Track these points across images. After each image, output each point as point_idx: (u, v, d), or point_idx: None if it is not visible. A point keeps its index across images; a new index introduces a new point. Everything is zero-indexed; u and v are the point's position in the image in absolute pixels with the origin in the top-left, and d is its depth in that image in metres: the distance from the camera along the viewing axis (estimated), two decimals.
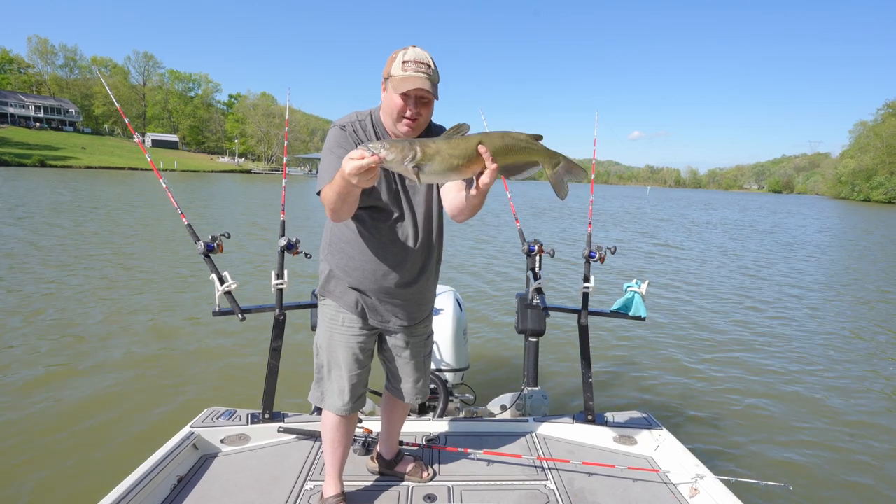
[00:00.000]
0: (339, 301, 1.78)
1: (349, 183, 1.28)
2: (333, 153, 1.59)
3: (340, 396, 1.82)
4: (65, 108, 79.33)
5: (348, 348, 1.80)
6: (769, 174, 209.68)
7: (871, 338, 6.52)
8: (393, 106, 1.56)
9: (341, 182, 1.33)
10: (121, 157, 65.35)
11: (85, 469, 2.96)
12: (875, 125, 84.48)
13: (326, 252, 1.81)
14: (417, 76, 1.52)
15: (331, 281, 1.80)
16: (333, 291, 1.79)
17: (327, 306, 1.82)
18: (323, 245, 1.84)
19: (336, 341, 1.80)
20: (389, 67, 1.56)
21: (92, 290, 6.86)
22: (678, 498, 1.97)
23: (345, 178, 1.28)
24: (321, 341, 1.85)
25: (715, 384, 4.66)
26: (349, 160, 1.25)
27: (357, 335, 1.80)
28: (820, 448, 3.61)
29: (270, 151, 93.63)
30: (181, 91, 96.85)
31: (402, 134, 1.62)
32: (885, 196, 74.09)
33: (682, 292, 8.63)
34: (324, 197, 1.48)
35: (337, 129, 1.64)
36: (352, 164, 1.24)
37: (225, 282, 2.13)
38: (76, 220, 13.72)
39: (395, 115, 1.58)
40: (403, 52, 1.56)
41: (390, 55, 1.58)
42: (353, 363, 1.81)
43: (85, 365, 4.43)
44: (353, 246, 1.73)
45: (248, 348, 4.91)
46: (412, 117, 1.57)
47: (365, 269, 1.73)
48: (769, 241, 17.82)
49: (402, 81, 1.51)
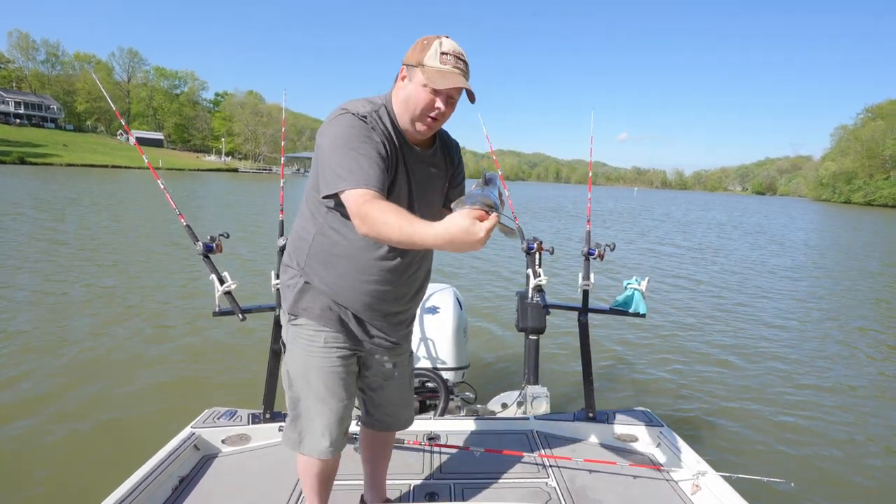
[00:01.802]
0: (317, 319, 1.49)
1: (465, 244, 1.05)
2: (360, 150, 1.30)
3: (325, 436, 1.52)
4: (46, 104, 77.79)
5: (333, 373, 1.50)
6: (753, 176, 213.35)
7: (875, 335, 6.57)
8: (419, 100, 1.35)
9: (444, 238, 1.07)
10: (104, 154, 64.29)
11: (86, 470, 2.93)
12: (855, 129, 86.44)
13: (305, 264, 1.50)
14: (458, 73, 1.33)
15: (305, 296, 1.50)
16: (310, 307, 1.50)
17: (302, 326, 1.51)
18: (297, 255, 1.53)
19: (315, 366, 1.50)
20: (421, 55, 1.34)
21: (90, 289, 6.75)
22: (680, 495, 1.98)
23: (460, 240, 1.05)
24: (295, 370, 1.54)
25: (716, 381, 4.68)
26: (479, 221, 1.05)
27: (341, 356, 1.52)
28: (822, 444, 3.63)
29: (258, 150, 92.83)
30: (167, 88, 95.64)
31: (418, 133, 1.42)
32: (864, 198, 75.79)
33: (682, 289, 8.71)
34: (376, 220, 1.18)
35: (355, 118, 1.34)
36: (488, 226, 1.05)
37: (225, 282, 2.10)
38: (74, 218, 13.48)
39: (419, 112, 1.37)
40: (438, 41, 1.35)
41: (418, 41, 1.38)
42: (340, 391, 1.52)
43: (84, 366, 4.38)
44: (344, 259, 1.46)
45: (249, 348, 4.88)
46: (437, 116, 1.38)
47: (357, 284, 1.47)
48: (762, 240, 18.08)
49: (442, 76, 1.32)
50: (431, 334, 2.95)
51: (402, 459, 2.15)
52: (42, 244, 9.72)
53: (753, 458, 3.38)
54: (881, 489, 3.14)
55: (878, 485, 3.18)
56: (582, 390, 2.46)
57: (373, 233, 1.22)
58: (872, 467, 3.37)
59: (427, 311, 3.01)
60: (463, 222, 1.05)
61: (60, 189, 23.64)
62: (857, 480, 3.21)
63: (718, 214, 35.44)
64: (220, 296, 2.10)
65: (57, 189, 23.53)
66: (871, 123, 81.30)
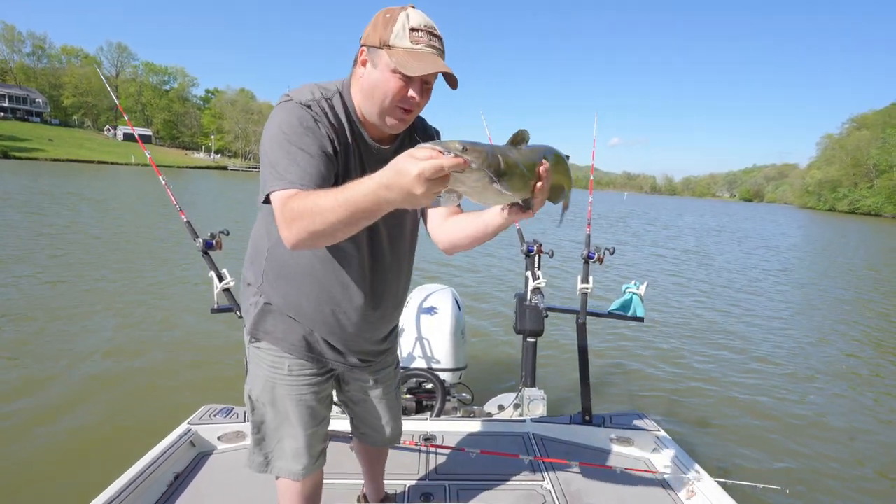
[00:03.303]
0: (280, 344, 1.33)
1: (401, 193, 0.81)
2: (298, 144, 1.07)
3: (296, 460, 1.41)
4: (32, 97, 76.46)
5: (300, 402, 1.36)
6: (741, 183, 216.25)
7: (874, 341, 6.61)
8: (388, 89, 1.11)
9: (376, 190, 0.84)
10: (90, 149, 63.45)
11: (81, 466, 2.91)
12: (840, 138, 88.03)
13: (262, 282, 1.33)
14: (433, 53, 1.09)
15: (266, 318, 1.33)
16: (272, 332, 1.34)
17: (264, 350, 1.36)
18: (254, 271, 1.36)
19: (281, 394, 1.36)
20: (385, 33, 1.08)
21: (87, 285, 6.66)
22: (675, 500, 1.98)
23: (397, 186, 0.80)
24: (259, 395, 1.38)
25: (713, 387, 4.70)
26: (419, 159, 0.78)
27: (310, 384, 1.37)
28: (817, 452, 3.63)
29: (248, 148, 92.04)
30: (156, 84, 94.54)
31: (389, 128, 1.18)
32: (848, 206, 77.21)
33: (680, 294, 8.75)
34: (304, 210, 0.95)
35: (297, 106, 1.12)
36: (429, 164, 0.77)
37: (224, 279, 2.13)
38: (70, 216, 13.23)
39: (388, 103, 1.12)
40: (405, 13, 1.09)
41: (379, 14, 1.12)
42: (308, 419, 1.38)
43: (80, 361, 4.33)
44: (304, 273, 1.28)
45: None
46: (411, 107, 1.14)
47: (320, 301, 1.29)
48: (759, 247, 18.26)
49: (415, 58, 1.07)
50: (429, 335, 2.95)
51: (397, 460, 2.15)
52: (43, 239, 9.57)
53: (749, 464, 3.38)
54: (877, 498, 3.14)
55: (873, 494, 3.18)
56: (579, 393, 2.46)
57: (304, 233, 0.96)
58: (868, 477, 3.37)
59: (425, 312, 3.00)
60: (398, 160, 0.81)
61: (57, 184, 23.23)
62: (852, 489, 3.20)
63: (711, 220, 35.84)
64: (218, 293, 2.13)
65: (46, 185, 23.12)
66: (856, 133, 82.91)
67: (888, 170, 70.47)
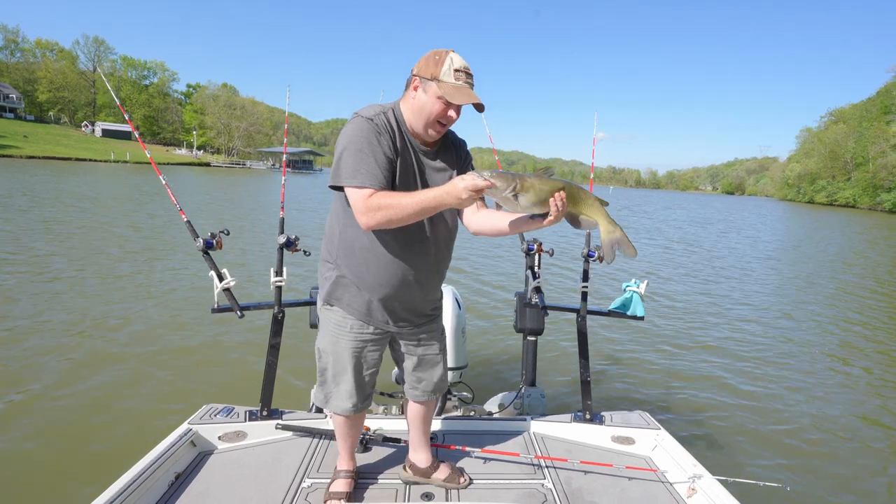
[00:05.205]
0: (347, 308, 1.73)
1: (454, 199, 1.40)
2: (368, 149, 1.52)
3: (349, 399, 1.81)
4: (5, 93, 74.07)
5: (356, 354, 1.76)
6: (723, 176, 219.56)
7: (875, 338, 6.68)
8: (431, 110, 1.57)
9: (439, 196, 1.41)
10: (66, 146, 61.72)
11: (82, 465, 2.90)
12: (819, 132, 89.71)
13: (336, 257, 1.72)
14: (468, 88, 1.56)
15: (338, 288, 1.73)
16: (342, 298, 1.73)
17: (333, 312, 1.76)
18: (329, 249, 1.75)
19: (343, 346, 1.75)
20: (436, 70, 1.54)
21: (86, 285, 6.58)
22: (675, 498, 1.99)
23: (451, 195, 1.40)
24: (325, 346, 1.79)
25: (714, 384, 4.72)
26: (465, 178, 1.38)
27: (367, 339, 1.76)
28: (818, 449, 3.67)
29: (231, 144, 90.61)
30: (135, 79, 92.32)
31: (429, 136, 1.63)
32: (826, 199, 78.81)
33: (680, 292, 8.80)
34: (386, 204, 1.45)
35: (364, 120, 1.56)
36: (470, 183, 1.36)
37: (224, 279, 2.12)
38: (72, 213, 13.04)
39: (431, 120, 1.59)
40: (449, 57, 1.55)
41: (430, 54, 1.57)
42: (361, 367, 1.79)
43: (81, 361, 4.30)
44: (370, 252, 1.66)
45: (247, 345, 4.84)
46: (447, 123, 1.61)
47: (381, 276, 1.67)
48: (759, 240, 18.45)
49: (456, 91, 1.53)
50: None
51: (398, 459, 2.14)
52: (38, 234, 9.39)
53: (750, 461, 3.40)
54: (877, 494, 3.18)
55: (873, 490, 3.22)
56: (579, 392, 2.48)
57: (384, 220, 1.46)
58: (869, 473, 3.41)
59: None
60: (455, 181, 1.42)
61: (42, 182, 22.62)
62: (853, 486, 3.24)
63: (700, 212, 36.11)
64: (219, 292, 2.13)
65: (31, 182, 22.50)
66: (834, 126, 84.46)
67: (864, 163, 72.04)
